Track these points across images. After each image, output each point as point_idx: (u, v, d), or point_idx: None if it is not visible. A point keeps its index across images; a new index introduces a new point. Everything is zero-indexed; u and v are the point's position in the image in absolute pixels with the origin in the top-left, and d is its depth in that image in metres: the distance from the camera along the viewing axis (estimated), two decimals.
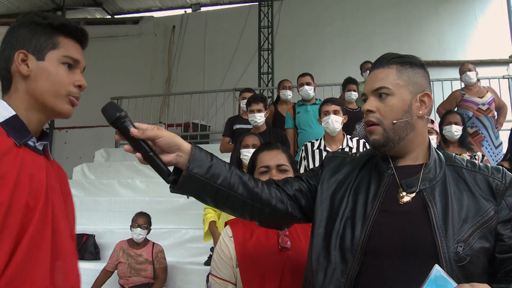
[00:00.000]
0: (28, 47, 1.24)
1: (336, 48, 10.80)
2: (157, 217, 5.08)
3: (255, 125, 4.43)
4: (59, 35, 1.27)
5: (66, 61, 1.26)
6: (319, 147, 3.57)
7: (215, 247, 3.52)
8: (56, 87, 1.24)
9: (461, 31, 10.59)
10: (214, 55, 11.56)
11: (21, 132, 1.20)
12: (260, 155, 1.90)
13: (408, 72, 1.39)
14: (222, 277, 1.78)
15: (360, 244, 1.30)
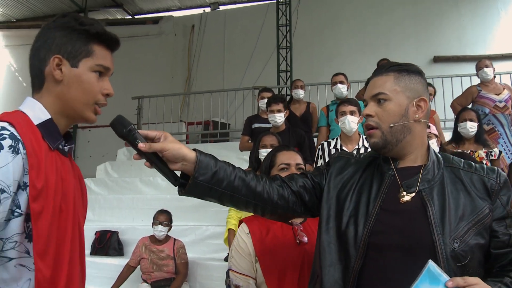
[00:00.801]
0: (64, 52, 1.24)
1: (354, 46, 10.80)
2: (178, 214, 5.21)
3: (275, 125, 4.52)
4: (94, 42, 1.27)
5: (98, 70, 1.28)
6: (335, 147, 3.65)
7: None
8: (86, 95, 1.26)
9: (482, 25, 10.47)
10: (233, 54, 11.66)
11: (54, 136, 1.23)
12: (280, 154, 2.08)
13: (405, 78, 1.48)
14: (243, 272, 1.87)
15: (363, 240, 1.39)
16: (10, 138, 1.10)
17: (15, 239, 1.11)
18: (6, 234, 1.10)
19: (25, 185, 1.11)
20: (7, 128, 1.12)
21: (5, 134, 1.10)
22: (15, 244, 1.11)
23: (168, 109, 9.21)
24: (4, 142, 1.08)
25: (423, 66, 8.01)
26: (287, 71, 9.91)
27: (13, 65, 13.73)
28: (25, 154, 1.11)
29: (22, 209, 1.11)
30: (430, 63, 10.44)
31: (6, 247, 1.11)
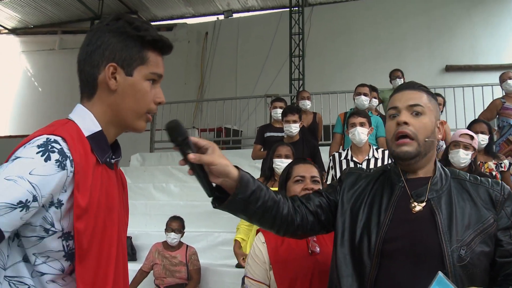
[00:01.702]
0: (118, 59, 1.19)
1: (367, 54, 10.86)
2: (190, 220, 5.29)
3: (289, 135, 4.60)
4: (148, 49, 1.22)
5: (152, 78, 1.23)
6: (346, 157, 3.72)
7: (238, 260, 3.72)
8: (140, 105, 1.22)
9: (495, 34, 10.48)
10: (246, 61, 11.76)
11: (103, 149, 1.19)
12: (296, 167, 2.17)
13: (432, 100, 1.58)
14: (257, 279, 1.97)
15: (376, 248, 1.46)
16: (58, 153, 1.07)
17: (47, 255, 1.09)
18: (39, 249, 1.09)
19: (59, 203, 1.08)
20: (59, 142, 1.09)
21: (55, 148, 1.07)
22: (47, 259, 1.10)
23: (181, 116, 9.29)
24: (53, 155, 1.06)
25: (435, 75, 8.15)
26: (300, 79, 9.98)
27: (29, 71, 13.98)
28: (71, 173, 1.09)
29: (56, 227, 1.08)
30: (442, 72, 10.47)
31: (38, 262, 1.09)
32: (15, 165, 1.04)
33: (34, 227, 1.07)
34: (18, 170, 1.03)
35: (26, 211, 1.02)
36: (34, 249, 1.09)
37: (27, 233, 1.07)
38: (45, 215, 1.07)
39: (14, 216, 1.01)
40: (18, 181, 1.01)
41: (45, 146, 1.07)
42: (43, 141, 1.08)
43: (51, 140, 1.09)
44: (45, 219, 1.07)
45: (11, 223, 1.01)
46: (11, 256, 1.10)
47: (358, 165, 3.63)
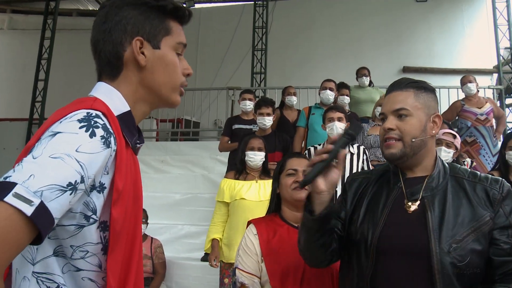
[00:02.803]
0: (143, 32, 1.10)
1: (327, 51, 10.97)
2: (152, 212, 5.15)
3: (262, 128, 4.56)
4: (170, 19, 1.14)
5: (178, 48, 1.15)
6: None
7: (210, 259, 3.60)
8: (173, 78, 1.14)
9: (449, 39, 10.86)
10: (206, 52, 11.62)
11: (131, 131, 1.09)
12: (290, 160, 2.19)
13: (423, 95, 1.58)
14: (248, 271, 1.97)
15: (372, 247, 1.50)
16: (103, 128, 0.96)
17: (86, 249, 0.98)
18: (78, 241, 0.97)
19: (102, 187, 0.97)
20: (101, 117, 0.98)
21: (99, 124, 0.96)
22: (85, 253, 0.98)
23: None
24: (97, 130, 0.95)
25: (393, 75, 8.37)
26: (261, 73, 9.97)
27: None
28: (114, 151, 0.99)
29: (98, 215, 0.97)
30: (400, 73, 10.73)
31: (76, 256, 0.98)
32: (59, 140, 0.91)
33: (74, 214, 0.95)
34: (64, 147, 0.90)
35: (74, 194, 0.90)
36: (72, 240, 0.97)
37: (65, 221, 0.95)
38: (87, 200, 0.96)
39: (64, 201, 0.88)
40: (65, 159, 0.88)
41: (88, 121, 0.95)
42: (84, 115, 0.96)
43: (93, 114, 0.97)
44: (87, 204, 0.96)
45: (61, 209, 0.88)
46: (41, 249, 0.97)
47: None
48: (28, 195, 0.83)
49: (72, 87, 10.34)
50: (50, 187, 0.85)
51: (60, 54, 10.60)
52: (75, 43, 11.07)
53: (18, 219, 0.82)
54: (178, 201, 5.99)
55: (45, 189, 0.84)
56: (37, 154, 0.88)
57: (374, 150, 4.75)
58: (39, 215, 0.83)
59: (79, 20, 12.23)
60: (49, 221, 0.86)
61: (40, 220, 0.84)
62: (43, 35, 10.18)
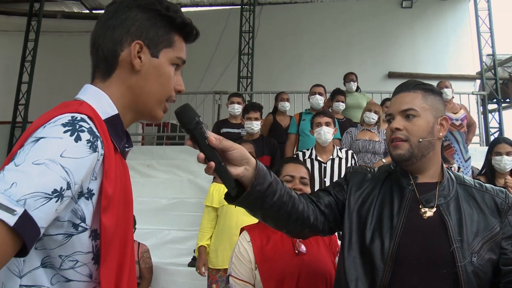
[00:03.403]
0: (145, 37, 1.08)
1: (314, 56, 11.03)
2: (138, 217, 5.07)
3: (250, 132, 4.56)
4: (176, 32, 1.13)
5: (176, 63, 1.13)
6: (310, 157, 3.72)
7: (199, 267, 3.55)
8: (162, 90, 1.11)
9: (434, 46, 11.00)
10: (192, 57, 11.33)
11: (119, 135, 1.06)
12: (286, 165, 2.13)
13: (431, 97, 1.57)
14: (242, 279, 1.92)
15: (390, 253, 1.43)
16: (88, 132, 0.92)
17: (76, 258, 0.94)
18: (66, 251, 0.93)
19: (90, 193, 0.93)
20: (87, 121, 0.95)
21: (84, 127, 0.92)
22: (75, 263, 0.94)
23: None
24: (83, 134, 0.91)
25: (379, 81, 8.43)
26: (248, 77, 9.96)
27: None
28: (101, 156, 0.95)
29: (87, 223, 0.93)
30: (385, 78, 10.83)
31: (65, 266, 0.93)
32: (42, 146, 0.87)
33: (61, 223, 0.91)
34: (48, 152, 0.86)
35: (61, 201, 0.85)
36: (61, 250, 0.92)
37: (52, 231, 0.90)
38: (74, 208, 0.91)
39: (49, 209, 0.83)
40: (50, 165, 0.84)
41: (73, 125, 0.91)
42: (69, 119, 0.92)
43: (78, 118, 0.94)
44: (75, 212, 0.92)
45: (47, 217, 0.84)
46: (28, 261, 0.92)
47: (323, 164, 3.64)
48: (10, 204, 0.78)
49: (57, 90, 10.23)
50: (34, 195, 0.81)
51: (44, 56, 10.46)
52: (59, 46, 10.97)
53: (0, 230, 0.77)
54: (165, 206, 5.94)
55: (29, 197, 0.80)
56: (20, 161, 0.84)
57: (362, 154, 4.76)
58: (23, 224, 0.79)
59: (64, 22, 12.09)
60: (34, 230, 0.81)
61: (24, 230, 0.79)
62: (26, 37, 10.02)
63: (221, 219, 3.67)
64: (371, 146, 4.75)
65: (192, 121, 1.10)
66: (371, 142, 4.76)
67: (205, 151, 1.13)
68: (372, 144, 4.75)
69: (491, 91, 9.35)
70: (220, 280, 3.58)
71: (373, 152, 4.75)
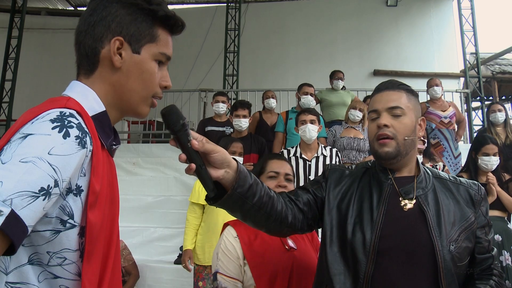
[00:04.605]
0: (126, 33, 1.06)
1: (299, 54, 11.08)
2: (124, 215, 5.04)
3: (238, 130, 4.58)
4: (159, 26, 1.11)
5: (160, 58, 1.11)
6: (295, 154, 3.75)
7: (184, 260, 3.52)
8: (146, 87, 1.09)
9: (418, 44, 11.11)
10: (178, 54, 11.37)
11: (107, 132, 1.05)
12: (271, 162, 2.09)
13: (413, 98, 1.62)
14: (231, 275, 1.86)
15: (372, 245, 1.46)
16: (77, 128, 0.91)
17: (63, 255, 0.93)
18: (54, 247, 0.92)
19: (78, 190, 0.92)
20: (76, 116, 0.93)
21: (73, 123, 0.91)
22: (63, 260, 0.93)
23: None
24: (71, 131, 0.90)
25: (364, 78, 8.46)
26: (234, 75, 9.96)
27: None
28: (90, 152, 0.94)
29: (76, 219, 0.92)
30: (371, 76, 10.91)
31: (53, 263, 0.92)
32: (29, 143, 0.86)
33: (49, 219, 0.90)
34: (35, 150, 0.85)
35: (48, 199, 0.85)
36: (49, 246, 0.92)
37: (40, 227, 0.90)
38: (63, 204, 0.91)
39: (37, 207, 0.83)
40: (37, 162, 0.84)
41: (61, 121, 0.90)
42: (57, 115, 0.91)
43: (66, 113, 0.92)
44: (63, 209, 0.91)
45: (34, 216, 0.83)
46: (15, 257, 0.90)
47: (308, 162, 3.67)
48: None
49: (41, 87, 10.15)
50: (21, 194, 0.81)
51: (28, 53, 10.36)
52: (44, 43, 10.87)
53: None
54: (151, 203, 5.93)
55: (15, 197, 0.80)
56: (6, 158, 0.83)
57: (347, 152, 4.80)
58: (10, 225, 0.79)
59: (48, 19, 11.98)
60: (21, 230, 0.81)
61: (11, 230, 0.79)
62: (10, 34, 9.90)
63: (207, 216, 3.68)
64: (356, 144, 4.79)
65: (177, 124, 1.11)
66: (356, 140, 4.80)
67: (187, 152, 1.15)
68: (357, 142, 4.80)
69: (474, 88, 9.46)
70: (207, 277, 3.58)
71: (358, 150, 4.80)
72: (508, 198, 3.61)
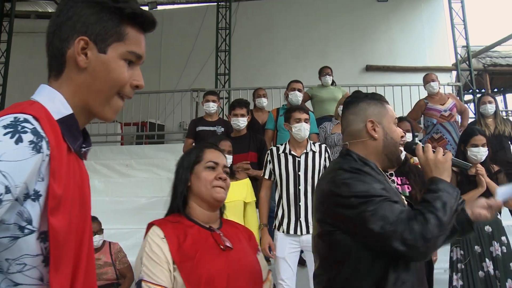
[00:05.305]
0: (91, 33, 1.03)
1: (290, 52, 11.07)
2: (117, 217, 5.09)
3: (237, 129, 4.55)
4: (127, 24, 1.07)
5: (129, 57, 1.07)
6: (284, 151, 3.73)
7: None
8: (112, 87, 1.06)
9: (410, 38, 11.12)
10: (170, 54, 11.53)
11: (74, 135, 1.03)
12: (208, 151, 1.94)
13: None
14: (159, 283, 1.61)
15: None
16: (32, 133, 0.90)
17: (23, 261, 0.91)
18: (13, 254, 0.90)
19: (36, 195, 0.91)
20: (31, 121, 0.92)
21: (27, 128, 0.90)
22: (23, 267, 0.91)
23: None
24: (25, 136, 0.89)
25: (357, 74, 8.45)
26: (225, 74, 9.96)
27: None
28: (47, 156, 0.92)
29: (34, 225, 0.91)
30: (363, 72, 10.92)
31: (12, 270, 0.91)
32: None
33: (7, 226, 0.89)
34: None
35: (0, 206, 0.84)
36: (7, 253, 0.90)
37: None
38: (20, 210, 0.89)
39: None
40: None
41: (14, 127, 0.89)
42: (11, 121, 0.90)
43: (20, 119, 0.91)
44: (21, 215, 0.89)
45: None
46: None
47: (297, 158, 3.65)
48: None
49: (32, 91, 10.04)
50: None
51: (18, 57, 10.32)
52: (34, 46, 10.81)
53: None
54: (144, 205, 5.92)
55: None
56: None
57: (338, 148, 4.79)
58: None
59: (38, 22, 11.92)
60: None
61: None
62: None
63: None
64: None
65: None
66: None
67: None
68: None
69: (466, 82, 9.49)
70: None
71: None
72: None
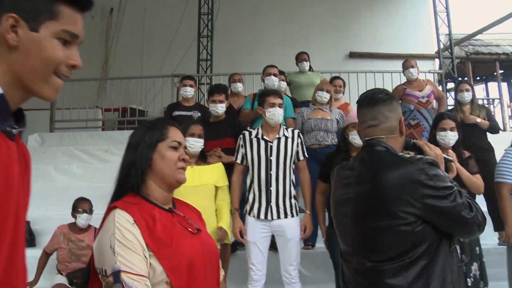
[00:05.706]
0: (21, 10, 1.00)
1: (274, 38, 11.05)
2: (96, 202, 5.05)
3: (215, 115, 4.51)
4: (61, 2, 1.04)
5: (63, 36, 1.04)
6: (256, 136, 3.73)
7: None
8: (46, 66, 1.02)
9: (393, 25, 11.17)
10: (152, 40, 11.45)
11: (3, 115, 0.99)
12: (172, 129, 1.78)
13: None
14: (138, 272, 1.45)
15: None
16: None
17: None
18: None
19: None
20: None
21: None
22: None
23: (84, 95, 8.84)
24: None
25: (340, 61, 8.43)
26: (208, 60, 9.91)
27: None
28: None
29: None
30: (346, 58, 10.95)
31: None
32: None
33: None
34: None
35: None
36: None
37: None
38: None
39: None
40: None
41: None
42: None
43: None
44: None
45: None
46: None
47: (269, 143, 3.66)
48: None
49: None
50: None
51: None
52: None
53: None
54: None
55: None
56: None
57: (315, 133, 4.81)
58: None
59: None
60: None
61: None
62: None
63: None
64: (323, 125, 4.81)
65: None
66: (323, 121, 4.81)
67: None
68: (324, 123, 4.81)
69: (448, 70, 9.54)
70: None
71: (326, 130, 4.81)
72: (467, 175, 3.64)
